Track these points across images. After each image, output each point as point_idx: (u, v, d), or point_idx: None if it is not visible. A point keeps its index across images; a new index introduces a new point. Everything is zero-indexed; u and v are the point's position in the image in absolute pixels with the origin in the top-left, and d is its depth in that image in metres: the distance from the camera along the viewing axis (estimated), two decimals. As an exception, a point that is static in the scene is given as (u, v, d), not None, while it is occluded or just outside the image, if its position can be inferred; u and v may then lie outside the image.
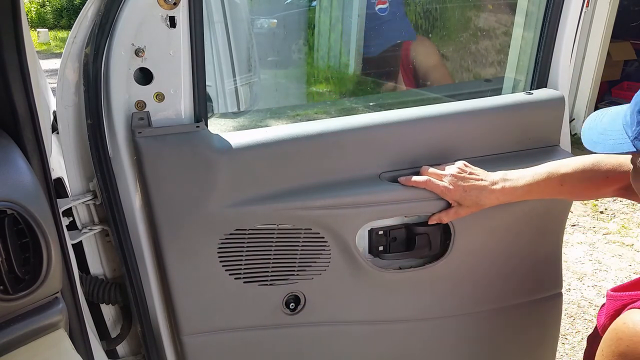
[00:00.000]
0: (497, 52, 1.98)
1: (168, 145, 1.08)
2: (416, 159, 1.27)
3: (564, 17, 1.44)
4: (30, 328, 0.86)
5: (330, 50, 2.49)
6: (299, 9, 2.63)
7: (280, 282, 1.25)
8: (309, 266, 1.25)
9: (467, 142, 1.32)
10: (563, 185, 1.19)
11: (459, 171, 1.22)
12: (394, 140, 1.26)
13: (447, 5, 2.18)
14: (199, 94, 1.16)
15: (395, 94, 2.20)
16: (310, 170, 1.20)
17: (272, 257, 1.22)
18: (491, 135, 1.34)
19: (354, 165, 1.23)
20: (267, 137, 1.16)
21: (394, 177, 1.25)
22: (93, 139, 1.09)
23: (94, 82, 1.05)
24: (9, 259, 0.82)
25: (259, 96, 1.86)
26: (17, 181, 0.86)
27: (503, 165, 1.30)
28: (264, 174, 1.16)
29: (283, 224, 1.19)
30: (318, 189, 1.19)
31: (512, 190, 1.20)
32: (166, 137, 1.08)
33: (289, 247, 1.22)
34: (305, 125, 1.21)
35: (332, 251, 1.24)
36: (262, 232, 1.18)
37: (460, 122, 1.31)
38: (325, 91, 2.35)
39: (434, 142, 1.29)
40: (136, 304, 1.22)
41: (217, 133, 1.14)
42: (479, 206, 1.22)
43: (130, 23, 1.04)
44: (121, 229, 1.16)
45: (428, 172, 1.24)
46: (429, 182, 1.21)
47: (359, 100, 2.24)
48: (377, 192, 1.22)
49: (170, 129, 1.09)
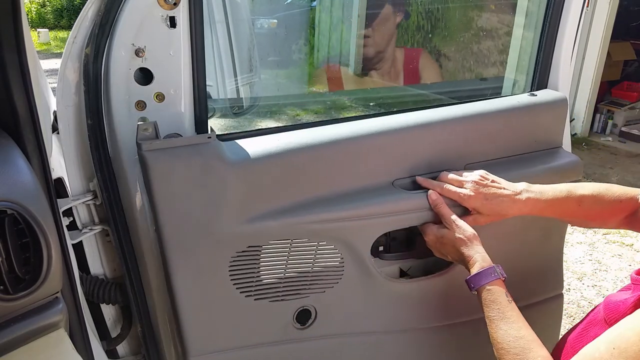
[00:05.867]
0: (498, 52, 1.98)
1: (177, 159, 1.02)
2: (428, 163, 1.25)
3: (564, 17, 1.44)
4: (31, 328, 0.86)
5: (330, 50, 2.49)
6: (300, 9, 2.63)
7: (291, 297, 1.21)
8: (322, 279, 1.22)
9: (478, 145, 1.30)
10: (580, 206, 1.18)
11: (480, 178, 1.19)
12: (405, 146, 1.23)
13: (447, 5, 2.18)
14: (200, 94, 1.16)
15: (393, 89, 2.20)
16: (323, 180, 1.16)
17: (284, 272, 1.18)
18: (500, 138, 1.32)
19: (367, 173, 1.20)
20: (279, 147, 1.11)
21: (407, 184, 1.22)
22: (93, 139, 1.09)
23: (94, 82, 1.05)
24: (9, 259, 0.82)
25: (259, 96, 1.86)
26: (17, 181, 0.86)
27: (513, 169, 1.29)
28: (277, 187, 1.12)
29: (297, 238, 1.15)
30: (332, 201, 1.16)
31: (534, 202, 1.17)
32: (175, 151, 1.01)
33: (302, 261, 1.19)
34: (316, 132, 1.17)
35: (345, 263, 1.22)
36: (275, 247, 1.15)
37: (470, 125, 1.29)
38: (325, 91, 2.35)
39: (444, 145, 1.27)
40: (136, 304, 1.22)
41: (227, 143, 1.09)
42: (500, 216, 1.19)
43: (131, 23, 1.04)
44: (121, 229, 1.16)
45: (447, 178, 1.21)
46: (446, 188, 1.19)
47: (356, 95, 2.24)
48: (392, 202, 1.19)
49: (179, 141, 1.04)
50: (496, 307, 1.02)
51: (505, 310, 1.01)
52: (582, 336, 0.97)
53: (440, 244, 1.17)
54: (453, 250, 1.14)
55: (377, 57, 2.16)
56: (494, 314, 1.02)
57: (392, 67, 2.15)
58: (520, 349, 0.94)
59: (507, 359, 0.96)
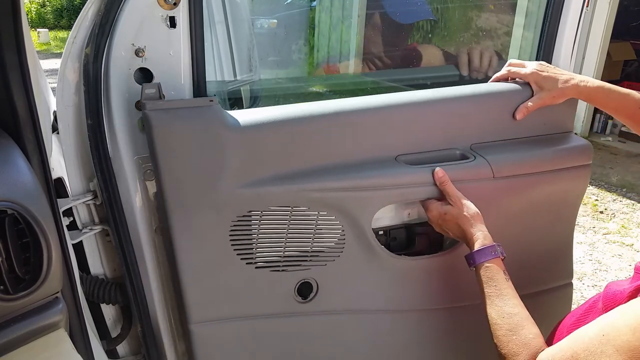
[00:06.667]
0: (498, 52, 1.98)
1: (180, 120, 1.03)
2: (433, 141, 1.25)
3: (564, 17, 1.44)
4: (31, 328, 0.86)
5: (330, 50, 2.49)
6: (300, 9, 2.63)
7: (292, 269, 1.21)
8: (323, 252, 1.22)
9: (483, 125, 1.30)
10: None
11: (540, 64, 1.30)
12: (411, 122, 1.23)
13: (446, 5, 2.18)
14: (200, 94, 1.16)
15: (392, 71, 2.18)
16: (326, 150, 1.16)
17: (285, 241, 1.18)
18: (508, 119, 1.31)
19: (370, 146, 1.20)
20: (282, 115, 1.12)
21: (410, 160, 1.22)
22: (93, 139, 1.09)
23: (94, 82, 1.06)
24: (9, 259, 0.82)
25: (259, 96, 1.86)
26: (17, 181, 0.86)
27: (519, 150, 1.29)
28: (278, 154, 1.12)
29: (297, 206, 1.15)
30: (334, 171, 1.15)
31: (589, 85, 1.26)
32: (178, 111, 1.03)
33: (303, 231, 1.18)
34: (321, 104, 1.18)
35: (346, 236, 1.21)
36: (275, 214, 1.15)
37: (478, 105, 1.29)
38: (325, 91, 2.35)
39: (451, 124, 1.27)
40: (136, 304, 1.22)
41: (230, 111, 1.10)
42: (560, 92, 1.26)
43: (131, 23, 1.04)
44: (121, 229, 1.16)
45: (512, 62, 1.33)
46: (509, 69, 1.32)
47: (359, 78, 2.23)
48: (394, 174, 1.19)
49: (182, 102, 1.06)
50: (493, 284, 1.04)
51: (502, 287, 1.03)
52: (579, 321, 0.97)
53: (443, 220, 1.18)
54: (455, 227, 1.16)
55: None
56: (491, 291, 1.04)
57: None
58: (514, 325, 0.97)
59: (500, 334, 0.98)
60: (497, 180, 1.25)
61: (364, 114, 1.18)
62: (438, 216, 1.19)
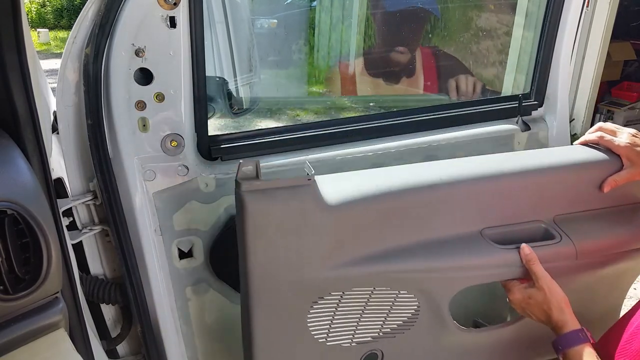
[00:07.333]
0: (497, 52, 1.98)
1: (276, 201, 0.99)
2: (518, 213, 1.21)
3: (564, 17, 1.45)
4: (31, 328, 0.86)
5: (330, 50, 2.49)
6: (300, 9, 2.64)
7: (363, 342, 1.18)
8: (394, 325, 1.19)
9: (568, 196, 1.25)
10: None
11: (635, 132, 1.19)
12: (497, 194, 1.19)
13: (447, 5, 2.18)
14: (200, 94, 1.16)
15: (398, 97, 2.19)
16: (414, 227, 1.13)
17: (359, 318, 1.15)
18: (592, 190, 1.26)
19: (457, 221, 1.16)
20: (375, 190, 1.08)
21: (495, 235, 1.18)
22: (93, 139, 1.09)
23: (94, 82, 1.06)
24: (9, 259, 0.82)
25: (259, 96, 1.86)
26: (17, 181, 0.86)
27: (604, 226, 1.24)
28: (367, 233, 1.08)
29: (379, 286, 1.12)
30: (419, 250, 1.12)
31: None
32: (275, 192, 0.98)
33: (380, 309, 1.15)
34: (411, 173, 1.15)
35: (421, 312, 1.18)
36: (356, 295, 1.11)
37: (564, 175, 1.24)
38: (325, 91, 2.35)
39: (535, 195, 1.22)
40: (136, 304, 1.22)
41: (325, 183, 1.06)
42: None
43: (131, 23, 1.04)
44: (121, 229, 1.16)
45: (604, 127, 1.22)
46: (602, 135, 1.21)
47: (360, 100, 2.24)
48: (480, 255, 1.15)
49: (280, 182, 1.00)
50: None
51: None
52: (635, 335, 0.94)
53: (527, 304, 1.12)
54: (540, 312, 1.10)
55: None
56: None
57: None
58: None
59: None
60: (580, 260, 1.21)
61: (456, 187, 1.14)
62: (522, 299, 1.13)
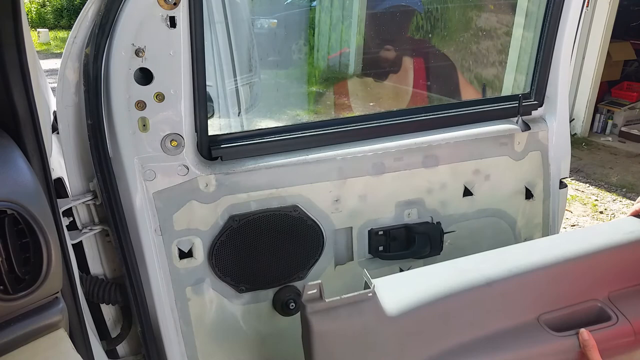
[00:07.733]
0: (497, 51, 1.98)
1: (339, 319, 1.01)
2: (573, 294, 1.21)
3: (564, 17, 1.45)
4: (31, 328, 0.86)
5: (330, 50, 2.49)
6: (300, 9, 2.64)
7: None
8: None
9: (621, 273, 1.26)
10: None
11: None
12: (552, 281, 1.19)
13: (446, 5, 2.18)
14: (200, 94, 1.16)
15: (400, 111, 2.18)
16: (471, 324, 1.12)
17: None
18: (635, 267, 1.27)
19: (513, 311, 1.16)
20: (434, 294, 1.08)
21: (552, 320, 1.18)
22: (93, 139, 1.09)
23: (94, 82, 1.06)
24: (9, 259, 0.82)
25: (259, 96, 1.86)
26: (17, 181, 0.86)
27: None
28: (427, 336, 1.08)
29: None
30: (479, 346, 1.11)
31: None
32: (339, 310, 1.00)
33: None
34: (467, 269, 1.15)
35: None
36: None
37: (616, 254, 1.25)
38: (325, 91, 2.35)
39: (589, 276, 1.23)
40: (136, 304, 1.22)
41: (385, 292, 1.06)
42: None
43: (131, 23, 1.04)
44: (121, 229, 1.16)
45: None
46: None
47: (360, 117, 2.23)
48: (537, 345, 1.13)
49: (342, 300, 1.01)
50: None
51: None
52: None
53: None
54: None
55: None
56: None
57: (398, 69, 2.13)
58: None
59: None
60: (638, 337, 1.21)
61: (512, 280, 1.14)
62: None
